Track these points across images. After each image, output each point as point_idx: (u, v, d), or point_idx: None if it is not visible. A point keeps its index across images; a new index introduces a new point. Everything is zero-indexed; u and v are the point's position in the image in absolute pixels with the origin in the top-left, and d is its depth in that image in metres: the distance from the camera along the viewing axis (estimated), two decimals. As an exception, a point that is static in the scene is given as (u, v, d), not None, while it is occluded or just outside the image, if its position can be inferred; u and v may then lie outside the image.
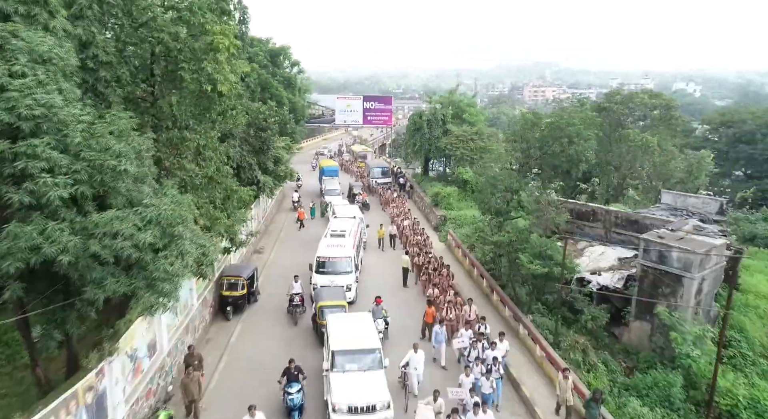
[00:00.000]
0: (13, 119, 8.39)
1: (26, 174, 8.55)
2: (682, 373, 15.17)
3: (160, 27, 14.19)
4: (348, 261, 21.74)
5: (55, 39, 9.92)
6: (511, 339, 17.30)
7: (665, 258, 16.57)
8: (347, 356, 14.17)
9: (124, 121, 10.21)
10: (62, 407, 9.69)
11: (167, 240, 10.16)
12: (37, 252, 8.52)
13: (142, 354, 13.25)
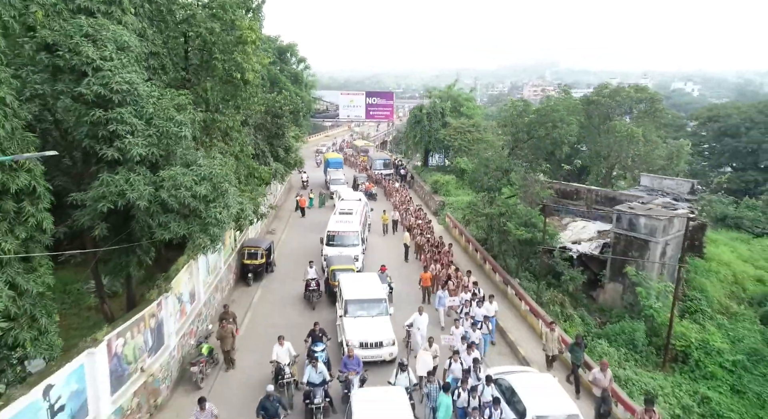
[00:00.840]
0: (106, 92, 10.83)
1: (115, 135, 11.00)
2: (645, 322, 17.59)
3: (198, 23, 16.62)
4: (355, 235, 24.14)
5: (127, 31, 12.36)
6: (500, 300, 19.70)
7: (634, 226, 19.01)
8: (358, 304, 16.59)
9: (183, 97, 12.68)
10: (135, 325, 12.15)
11: (216, 194, 12.58)
12: (122, 196, 10.95)
13: (185, 299, 15.67)
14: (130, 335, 12.00)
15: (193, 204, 11.98)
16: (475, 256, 25.39)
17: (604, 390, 12.58)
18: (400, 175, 47.53)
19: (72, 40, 10.86)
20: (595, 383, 12.81)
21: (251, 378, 14.66)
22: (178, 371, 14.64)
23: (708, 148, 54.18)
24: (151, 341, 13.07)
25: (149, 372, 12.72)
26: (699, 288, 19.67)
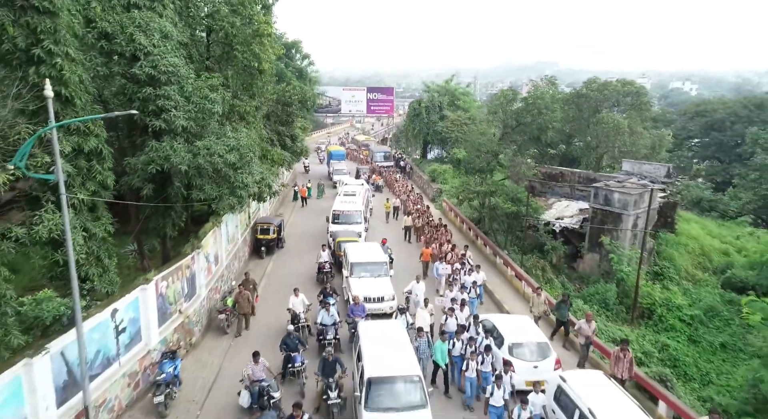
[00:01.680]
0: (155, 73, 13.03)
1: (162, 109, 13.20)
2: (617, 285, 19.80)
3: (221, 17, 18.81)
4: (358, 214, 26.32)
5: (168, 22, 14.57)
6: (490, 269, 21.92)
7: (609, 200, 21.21)
8: (361, 267, 18.75)
9: (215, 78, 14.88)
10: (174, 273, 14.35)
11: (243, 162, 14.81)
12: (167, 160, 13.18)
13: (211, 260, 17.85)
14: (171, 280, 14.20)
15: (224, 169, 14.22)
16: (468, 234, 27.59)
17: (587, 338, 14.05)
18: (400, 167, 49.74)
19: (127, 30, 13.06)
20: (580, 332, 14.17)
21: (270, 327, 16.82)
22: (207, 319, 16.84)
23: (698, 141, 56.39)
24: (187, 288, 15.28)
25: (186, 314, 14.94)
26: (668, 258, 21.85)
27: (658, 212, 23.37)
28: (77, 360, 10.21)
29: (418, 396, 10.64)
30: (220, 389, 13.38)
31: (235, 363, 14.47)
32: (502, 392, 10.83)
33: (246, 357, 14.56)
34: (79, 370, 10.22)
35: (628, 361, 12.23)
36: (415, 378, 10.91)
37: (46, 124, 10.13)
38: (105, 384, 11.27)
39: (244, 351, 15.05)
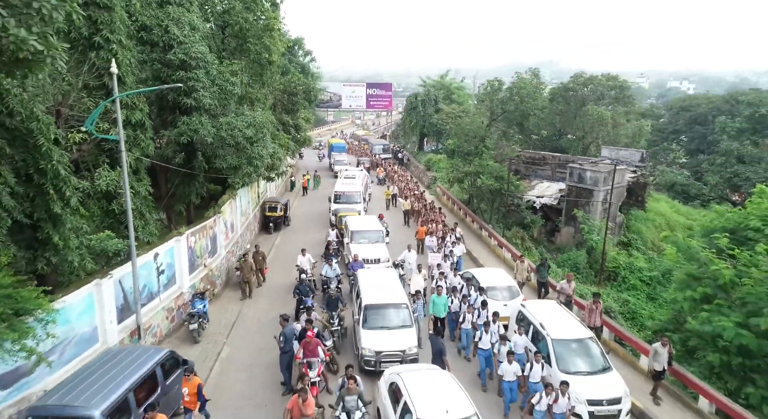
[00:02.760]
0: (187, 58, 15.50)
1: (192, 89, 15.67)
2: (588, 252, 22.26)
3: (236, 14, 21.25)
4: (358, 194, 28.75)
5: (196, 17, 17.04)
6: (476, 241, 24.40)
7: (583, 178, 23.66)
8: (360, 234, 21.17)
9: (234, 65, 17.34)
10: (200, 231, 16.82)
11: (259, 137, 17.27)
12: (196, 133, 15.64)
13: (228, 226, 20.31)
14: (198, 237, 16.67)
15: (242, 142, 16.68)
16: (458, 213, 30.11)
17: (568, 297, 15.62)
18: (398, 159, 52.25)
19: (163, 23, 15.53)
20: (562, 291, 15.58)
21: (281, 284, 19.27)
22: (226, 276, 19.31)
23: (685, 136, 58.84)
24: (210, 246, 17.76)
25: (209, 267, 17.41)
26: (636, 231, 24.31)
27: (628, 190, 25.85)
28: (131, 290, 12.70)
29: (406, 319, 13.12)
30: (240, 328, 15.82)
31: (252, 311, 16.97)
32: (490, 337, 12.18)
33: (262, 306, 17.22)
34: (132, 298, 12.72)
35: (599, 312, 13.87)
36: (403, 306, 13.41)
37: (103, 99, 12.62)
38: (150, 313, 13.73)
39: (260, 302, 17.64)
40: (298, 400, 9.26)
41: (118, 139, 11.78)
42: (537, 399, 9.88)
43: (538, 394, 9.97)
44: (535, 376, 10.97)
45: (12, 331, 9.01)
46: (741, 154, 32.46)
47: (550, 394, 9.81)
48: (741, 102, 39.81)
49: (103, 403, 8.24)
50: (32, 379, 9.92)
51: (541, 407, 9.84)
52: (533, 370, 10.97)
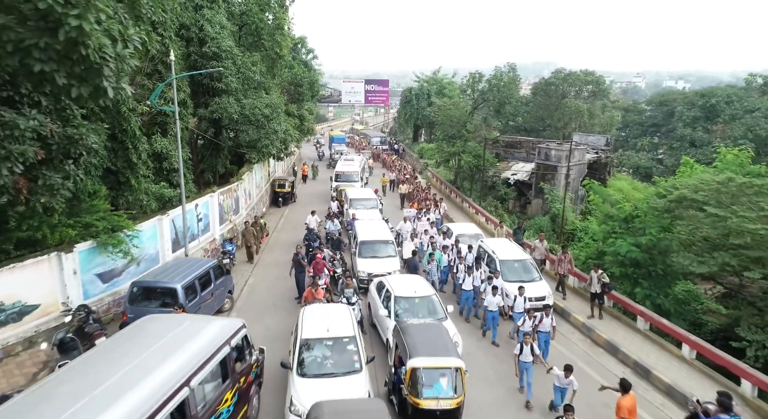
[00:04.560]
0: (218, 51, 19.38)
1: (222, 76, 19.54)
2: (552, 219, 26.16)
3: (253, 15, 25.09)
4: (356, 174, 32.60)
5: (224, 18, 20.91)
6: (458, 211, 28.30)
7: (548, 157, 27.56)
8: (358, 201, 25.01)
9: (257, 55, 21.22)
10: (227, 192, 20.70)
11: (274, 115, 21.13)
12: (225, 111, 19.49)
13: (246, 194, 24.20)
14: (225, 196, 20.57)
15: (261, 119, 20.55)
16: (445, 192, 34.05)
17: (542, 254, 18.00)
18: (395, 150, 56.23)
19: (199, 23, 19.41)
20: (536, 248, 17.58)
21: (291, 240, 23.12)
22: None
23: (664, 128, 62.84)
24: (234, 206, 21.66)
25: (234, 222, 21.30)
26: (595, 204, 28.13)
27: (589, 168, 29.74)
28: (180, 228, 16.56)
29: (390, 251, 17.04)
30: (260, 267, 19.62)
31: (269, 256, 20.78)
32: (472, 280, 14.24)
33: (277, 253, 21.02)
34: (182, 234, 16.59)
35: (568, 261, 15.70)
36: (389, 242, 17.33)
37: (156, 82, 16.47)
38: (192, 249, 17.59)
39: (275, 250, 21.44)
40: (312, 290, 13.16)
41: (173, 111, 15.66)
42: (522, 322, 11.48)
43: (523, 318, 11.57)
44: (519, 308, 12.88)
45: (113, 239, 12.95)
46: (693, 139, 36.38)
47: (532, 317, 11.28)
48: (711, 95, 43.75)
49: (182, 281, 12.12)
50: (121, 279, 13.81)
51: (526, 328, 11.26)
52: (516, 302, 12.97)
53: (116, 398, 5.98)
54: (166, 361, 6.96)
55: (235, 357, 8.59)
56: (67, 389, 6.19)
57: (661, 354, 11.99)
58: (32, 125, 9.50)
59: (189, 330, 8.04)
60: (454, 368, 8.76)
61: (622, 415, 8.11)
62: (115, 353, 7.24)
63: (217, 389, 7.86)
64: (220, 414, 7.82)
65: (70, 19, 6.19)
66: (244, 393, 8.84)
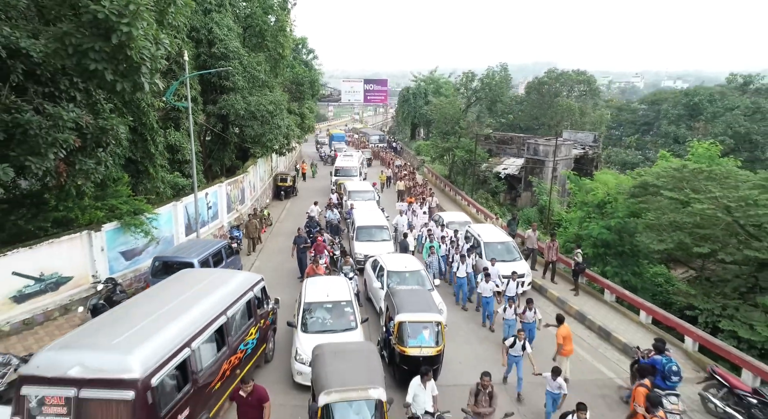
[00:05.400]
0: (226, 52, 20.91)
1: (229, 75, 21.06)
2: (539, 210, 27.69)
3: (257, 17, 26.61)
4: (355, 169, 34.16)
5: (231, 21, 22.43)
6: (451, 203, 29.81)
7: (537, 152, 29.07)
8: (356, 193, 26.53)
9: (261, 55, 22.74)
10: (234, 183, 22.22)
11: (277, 112, 22.65)
12: (233, 107, 21.01)
13: (251, 186, 25.73)
14: (232, 187, 22.09)
15: (266, 115, 22.07)
16: (440, 186, 35.60)
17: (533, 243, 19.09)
18: (393, 148, 57.78)
19: (208, 25, 20.93)
20: (528, 238, 18.19)
21: (291, 229, 24.64)
22: (250, 222, 24.69)
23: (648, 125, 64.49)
24: (240, 196, 23.18)
25: (240, 212, 22.82)
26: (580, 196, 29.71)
27: (577, 162, 31.26)
28: (192, 215, 18.07)
29: (385, 235, 18.57)
30: (265, 252, 21.12)
31: (273, 243, 22.29)
32: (466, 267, 15.02)
33: (281, 240, 22.47)
34: (194, 220, 18.10)
35: (555, 248, 16.68)
36: (384, 227, 18.85)
37: (170, 80, 17.97)
38: (203, 234, 19.09)
39: (279, 238, 22.91)
40: (313, 265, 14.69)
41: (186, 107, 17.18)
42: (503, 309, 12.15)
43: (504, 305, 12.21)
44: (510, 292, 13.38)
45: (135, 221, 14.48)
46: (677, 136, 37.90)
47: (512, 306, 11.76)
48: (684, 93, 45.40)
49: (198, 256, 13.64)
50: (141, 258, 15.33)
51: (508, 315, 11.95)
52: (509, 286, 13.51)
53: (175, 317, 7.93)
54: (207, 297, 8.93)
55: (257, 302, 10.48)
56: (136, 312, 8.14)
57: (623, 321, 13.52)
58: (72, 116, 11.01)
59: (221, 278, 10.11)
60: (435, 322, 10.29)
61: (559, 341, 10.41)
62: (167, 292, 9.17)
63: (244, 323, 9.82)
64: (247, 344, 9.78)
65: (122, 26, 7.71)
66: (264, 333, 10.85)
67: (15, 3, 10.55)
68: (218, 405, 8.62)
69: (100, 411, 6.30)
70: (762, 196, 12.30)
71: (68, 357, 6.57)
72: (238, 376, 9.29)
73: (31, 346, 11.27)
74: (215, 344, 8.61)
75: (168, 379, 7.10)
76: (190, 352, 7.66)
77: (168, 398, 7.03)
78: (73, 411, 6.27)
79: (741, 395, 9.03)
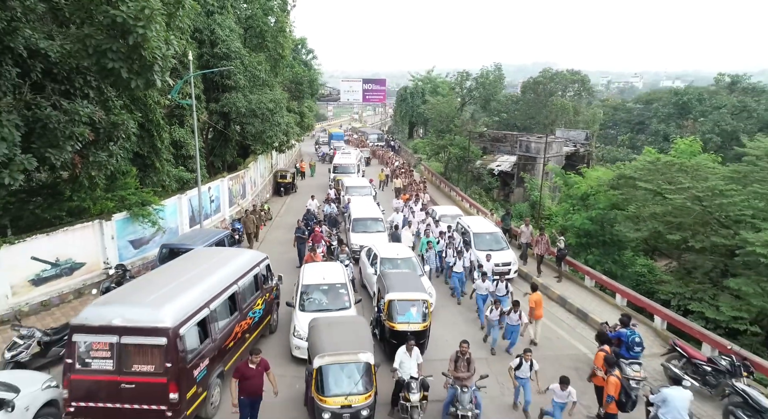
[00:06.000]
0: (228, 52, 21.80)
1: (231, 74, 21.93)
2: (531, 204, 28.60)
3: (258, 19, 27.50)
4: (353, 166, 35.02)
5: (232, 22, 23.33)
6: (446, 199, 30.72)
7: (529, 149, 29.97)
8: (353, 188, 27.33)
9: (262, 55, 23.64)
10: (235, 178, 23.13)
11: (277, 108, 23.53)
12: (234, 105, 21.91)
13: (251, 181, 26.62)
14: (233, 182, 22.99)
15: (266, 113, 22.97)
16: (436, 183, 36.51)
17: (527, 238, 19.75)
18: (391, 147, 58.72)
19: (210, 27, 21.83)
20: (522, 232, 18.50)
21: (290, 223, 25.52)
22: (251, 216, 25.59)
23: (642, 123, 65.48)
24: (242, 191, 24.08)
25: (241, 205, 23.72)
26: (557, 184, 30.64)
27: (569, 159, 32.17)
28: (196, 207, 18.96)
29: (379, 227, 19.48)
30: (266, 243, 22.01)
31: (273, 235, 23.17)
32: (462, 262, 15.21)
33: (281, 232, 23.36)
34: (197, 212, 19.00)
35: (545, 242, 16.92)
36: (379, 219, 19.76)
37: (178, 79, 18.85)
38: (205, 226, 20.01)
39: (279, 230, 23.79)
40: (311, 254, 15.59)
41: (190, 104, 18.07)
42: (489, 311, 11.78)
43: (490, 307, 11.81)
44: (501, 291, 13.02)
45: (143, 211, 15.38)
46: (666, 134, 38.81)
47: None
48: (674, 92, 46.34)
49: (202, 244, 14.53)
50: (148, 247, 16.24)
51: (493, 317, 11.66)
52: (498, 287, 13.16)
53: (195, 284, 9.22)
54: (220, 269, 10.26)
55: (263, 278, 11.84)
56: (161, 279, 9.49)
57: (600, 303, 14.43)
58: (87, 112, 11.91)
59: (231, 255, 11.67)
60: (422, 300, 11.19)
61: (531, 305, 11.92)
62: (185, 265, 10.54)
63: (252, 294, 11.12)
64: (255, 313, 11.11)
65: (138, 28, 8.61)
66: (269, 305, 12.18)
67: (34, 7, 11.45)
68: (231, 361, 9.79)
69: (138, 355, 7.65)
70: (728, 187, 13.21)
71: (111, 311, 7.92)
72: (248, 340, 10.67)
73: (48, 325, 12.15)
74: (228, 309, 9.90)
75: (192, 332, 8.39)
76: (209, 312, 8.92)
77: (192, 347, 8.32)
78: (115, 354, 7.64)
79: (697, 364, 9.94)
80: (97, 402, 7.69)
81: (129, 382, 7.65)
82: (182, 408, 7.82)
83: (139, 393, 7.64)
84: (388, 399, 9.56)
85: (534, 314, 12.01)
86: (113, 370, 7.65)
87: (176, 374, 7.69)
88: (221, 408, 9.28)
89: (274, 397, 8.89)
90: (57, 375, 8.92)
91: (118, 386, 7.63)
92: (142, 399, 7.65)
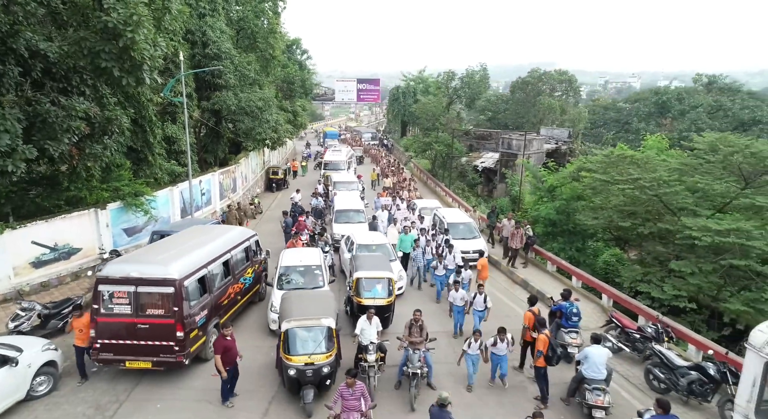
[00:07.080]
0: (219, 52, 22.93)
1: (222, 73, 23.07)
2: (512, 199, 29.76)
3: (249, 20, 28.64)
4: (343, 163, 36.12)
5: (224, 24, 24.47)
6: (432, 194, 31.87)
7: (510, 146, 31.15)
8: (341, 183, 28.43)
9: (252, 56, 24.78)
10: (226, 172, 24.26)
11: (266, 106, 24.67)
12: (225, 103, 23.03)
13: (243, 176, 27.74)
14: (224, 176, 24.12)
15: (255, 111, 24.10)
16: (423, 179, 37.68)
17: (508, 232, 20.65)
18: (384, 145, 59.89)
19: (202, 28, 22.97)
20: (504, 227, 18.61)
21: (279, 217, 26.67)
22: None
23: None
24: (232, 185, 25.22)
25: (232, 199, 24.86)
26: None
27: (550, 156, 33.34)
28: (188, 199, 20.08)
29: (361, 218, 20.64)
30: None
31: (263, 227, 24.25)
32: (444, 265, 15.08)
33: (273, 224, 24.43)
34: (189, 204, 20.12)
35: (520, 236, 17.32)
36: (360, 211, 20.92)
37: (171, 78, 20.00)
38: (198, 217, 21.15)
39: (270, 222, 24.87)
40: (293, 241, 16.74)
41: (182, 102, 19.21)
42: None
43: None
44: (479, 305, 12.03)
45: (136, 201, 16.51)
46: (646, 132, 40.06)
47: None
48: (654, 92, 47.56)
49: (190, 231, 15.69)
50: (141, 235, 17.36)
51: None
52: (476, 300, 12.09)
53: (195, 249, 11.12)
54: (215, 240, 12.21)
55: (252, 251, 13.64)
56: (167, 245, 11.50)
57: (558, 285, 15.55)
58: (83, 108, 13.03)
59: (224, 229, 13.94)
60: (387, 278, 12.33)
61: (479, 267, 14.10)
62: (186, 235, 12.51)
63: (243, 263, 12.95)
64: (245, 279, 12.99)
65: (127, 32, 9.76)
66: (258, 275, 14.08)
67: (34, 11, 12.58)
68: (226, 316, 11.60)
69: (151, 301, 9.49)
70: (671, 178, 14.36)
71: (128, 266, 9.81)
72: (239, 302, 12.59)
73: (48, 303, 13.28)
74: (223, 273, 11.73)
75: (194, 285, 10.24)
76: (207, 272, 10.78)
77: (194, 298, 10.12)
78: (133, 301, 9.46)
79: (629, 332, 11.10)
80: (119, 339, 9.48)
81: (144, 323, 9.44)
82: (186, 344, 9.63)
83: (152, 331, 9.44)
84: (352, 364, 10.71)
85: (480, 276, 14.10)
86: (131, 314, 9.44)
87: (181, 317, 9.49)
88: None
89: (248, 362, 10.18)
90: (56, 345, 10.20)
91: (135, 326, 9.42)
92: (155, 336, 9.44)
